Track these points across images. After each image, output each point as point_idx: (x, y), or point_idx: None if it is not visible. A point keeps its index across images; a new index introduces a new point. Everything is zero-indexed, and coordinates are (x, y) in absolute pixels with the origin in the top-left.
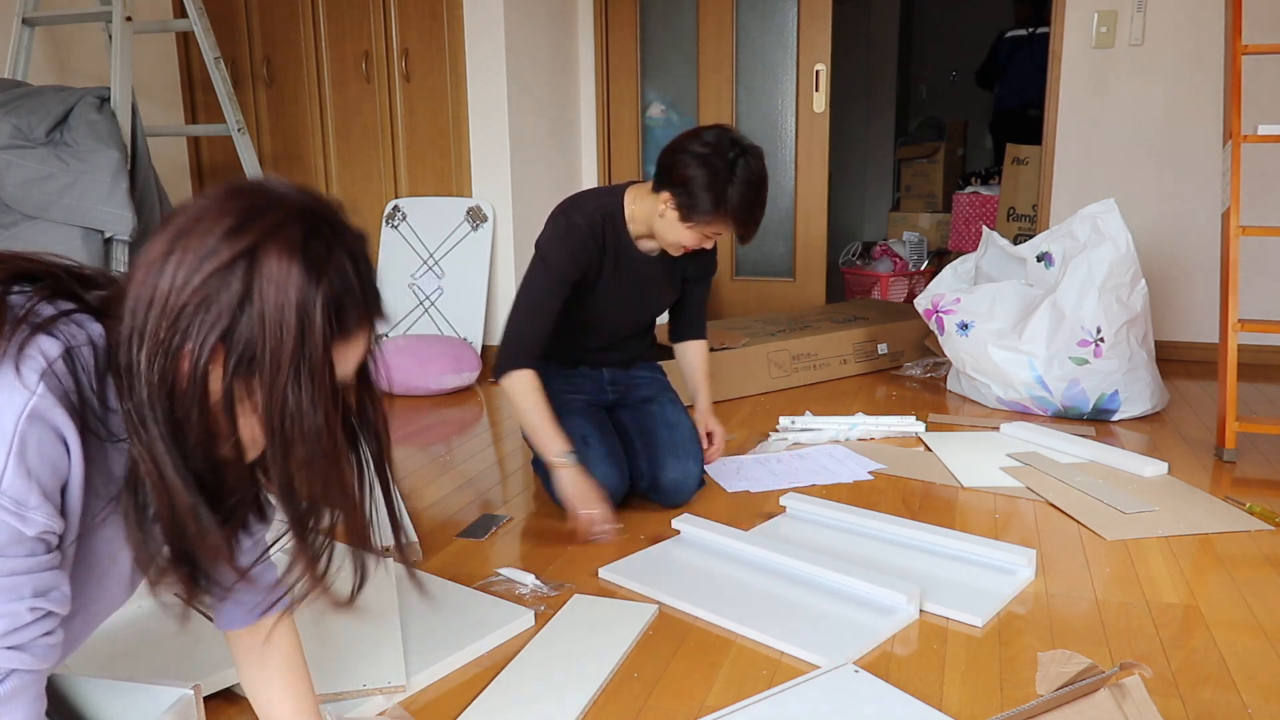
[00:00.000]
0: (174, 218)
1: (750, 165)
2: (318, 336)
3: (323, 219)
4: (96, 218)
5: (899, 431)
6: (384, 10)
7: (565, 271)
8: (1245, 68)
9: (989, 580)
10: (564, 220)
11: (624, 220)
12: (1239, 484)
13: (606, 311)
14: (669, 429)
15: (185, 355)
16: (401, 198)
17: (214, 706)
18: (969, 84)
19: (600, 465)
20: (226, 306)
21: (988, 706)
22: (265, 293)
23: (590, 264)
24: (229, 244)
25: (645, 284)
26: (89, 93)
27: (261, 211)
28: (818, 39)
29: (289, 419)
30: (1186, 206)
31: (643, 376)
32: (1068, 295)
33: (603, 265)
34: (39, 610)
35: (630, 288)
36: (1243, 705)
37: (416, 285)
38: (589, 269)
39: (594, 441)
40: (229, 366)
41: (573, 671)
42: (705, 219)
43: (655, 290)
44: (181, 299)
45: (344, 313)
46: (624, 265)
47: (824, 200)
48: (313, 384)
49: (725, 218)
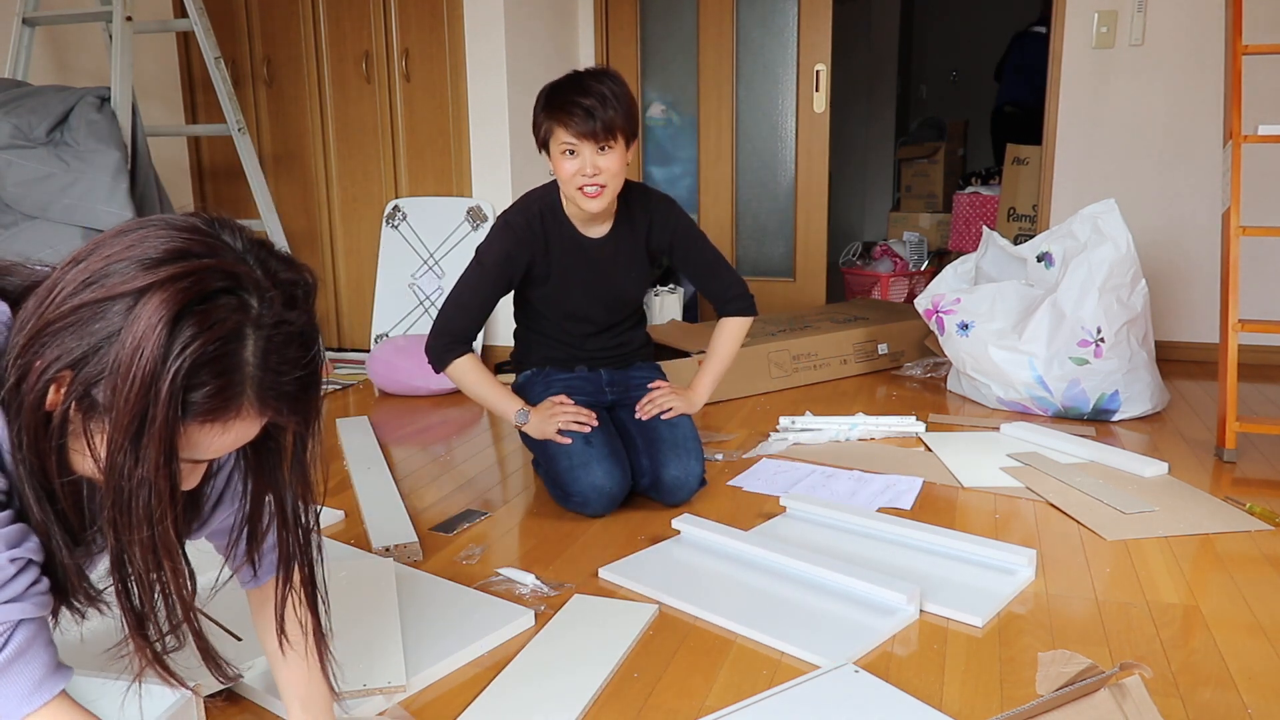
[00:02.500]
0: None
1: (582, 71)
2: (161, 407)
3: (254, 289)
4: (97, 217)
5: (899, 432)
6: (384, 10)
7: (498, 268)
8: (1245, 68)
9: (989, 580)
10: (501, 221)
11: (563, 210)
12: (1239, 484)
13: (576, 300)
14: (669, 427)
15: (35, 368)
16: (402, 197)
17: (214, 706)
18: (969, 84)
19: (604, 464)
20: (91, 338)
21: (988, 707)
22: (127, 340)
23: (535, 258)
24: (131, 276)
25: (602, 268)
26: (89, 92)
27: (189, 255)
28: (818, 39)
29: (123, 479)
30: (1187, 207)
31: (641, 376)
32: (1068, 295)
33: (550, 257)
34: (19, 560)
35: (589, 272)
36: (1243, 705)
37: (417, 285)
38: (534, 263)
39: (596, 441)
40: (70, 396)
41: (573, 671)
42: (545, 133)
43: (617, 270)
44: (59, 311)
45: (205, 391)
46: (573, 252)
47: (824, 200)
48: (151, 453)
49: (554, 114)
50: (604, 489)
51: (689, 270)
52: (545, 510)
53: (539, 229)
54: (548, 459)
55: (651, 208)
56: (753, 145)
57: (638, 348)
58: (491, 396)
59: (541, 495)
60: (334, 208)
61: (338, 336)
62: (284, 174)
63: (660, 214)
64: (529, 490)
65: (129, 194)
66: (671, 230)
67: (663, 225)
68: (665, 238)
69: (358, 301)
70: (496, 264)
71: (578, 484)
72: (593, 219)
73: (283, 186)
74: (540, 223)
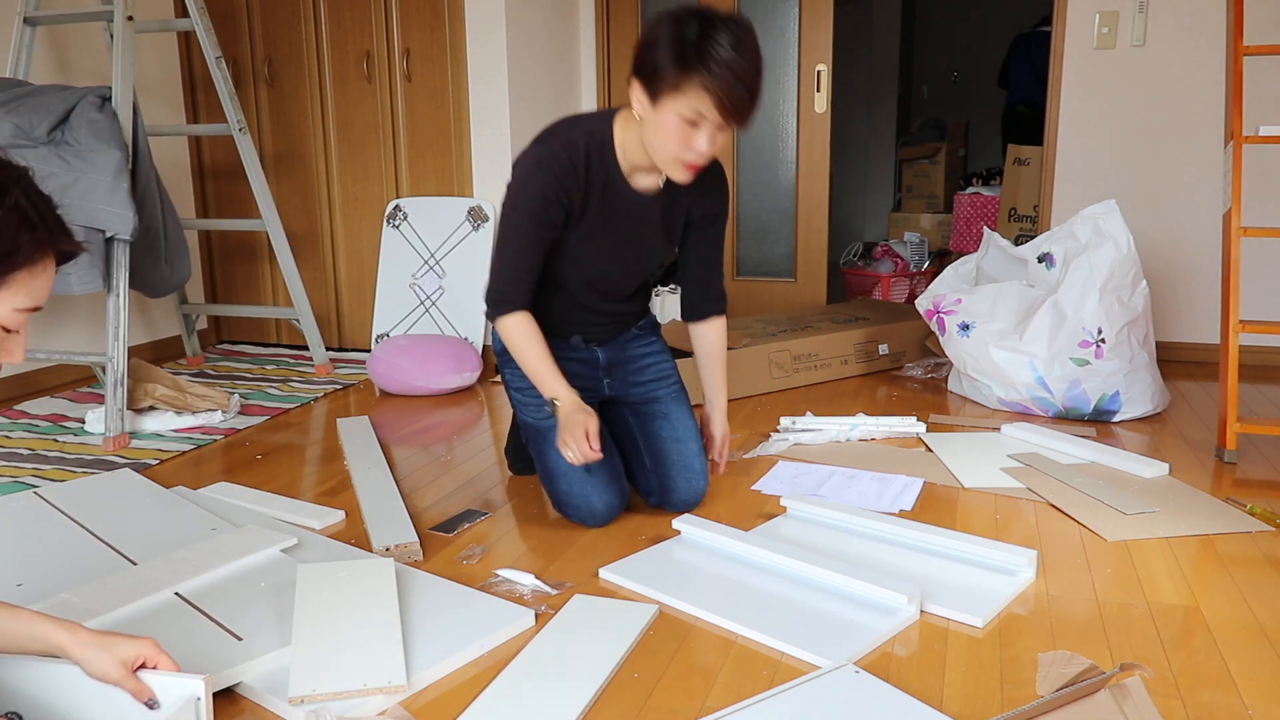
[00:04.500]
0: None
1: (729, 21)
2: None
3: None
4: (98, 217)
5: (900, 432)
6: (385, 10)
7: (538, 214)
8: (1246, 68)
9: (990, 581)
10: (542, 149)
11: (614, 151)
12: (1240, 485)
13: (594, 258)
14: (677, 445)
15: None
16: (403, 197)
17: (215, 706)
18: (970, 84)
19: (603, 495)
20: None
21: (988, 707)
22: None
23: (572, 201)
24: None
25: (636, 228)
26: (90, 92)
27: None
28: (819, 39)
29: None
30: (1188, 207)
31: (643, 358)
32: (1069, 296)
33: (587, 203)
34: None
35: (619, 233)
36: (1243, 706)
37: (418, 285)
38: (572, 209)
39: (595, 469)
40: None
41: (573, 671)
42: (674, 85)
43: (648, 236)
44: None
45: None
46: (611, 204)
47: (825, 200)
48: None
49: (702, 77)
50: (601, 514)
51: (695, 252)
52: (546, 510)
53: (582, 169)
54: (547, 476)
55: (708, 175)
56: (754, 145)
57: (638, 315)
58: (535, 366)
59: (542, 495)
60: (335, 207)
61: (338, 336)
62: (285, 174)
63: (714, 183)
64: (529, 490)
65: (130, 194)
66: (719, 207)
67: (712, 198)
68: (710, 212)
69: (358, 301)
70: (533, 214)
71: (576, 510)
72: (649, 170)
73: (283, 186)
74: (585, 161)
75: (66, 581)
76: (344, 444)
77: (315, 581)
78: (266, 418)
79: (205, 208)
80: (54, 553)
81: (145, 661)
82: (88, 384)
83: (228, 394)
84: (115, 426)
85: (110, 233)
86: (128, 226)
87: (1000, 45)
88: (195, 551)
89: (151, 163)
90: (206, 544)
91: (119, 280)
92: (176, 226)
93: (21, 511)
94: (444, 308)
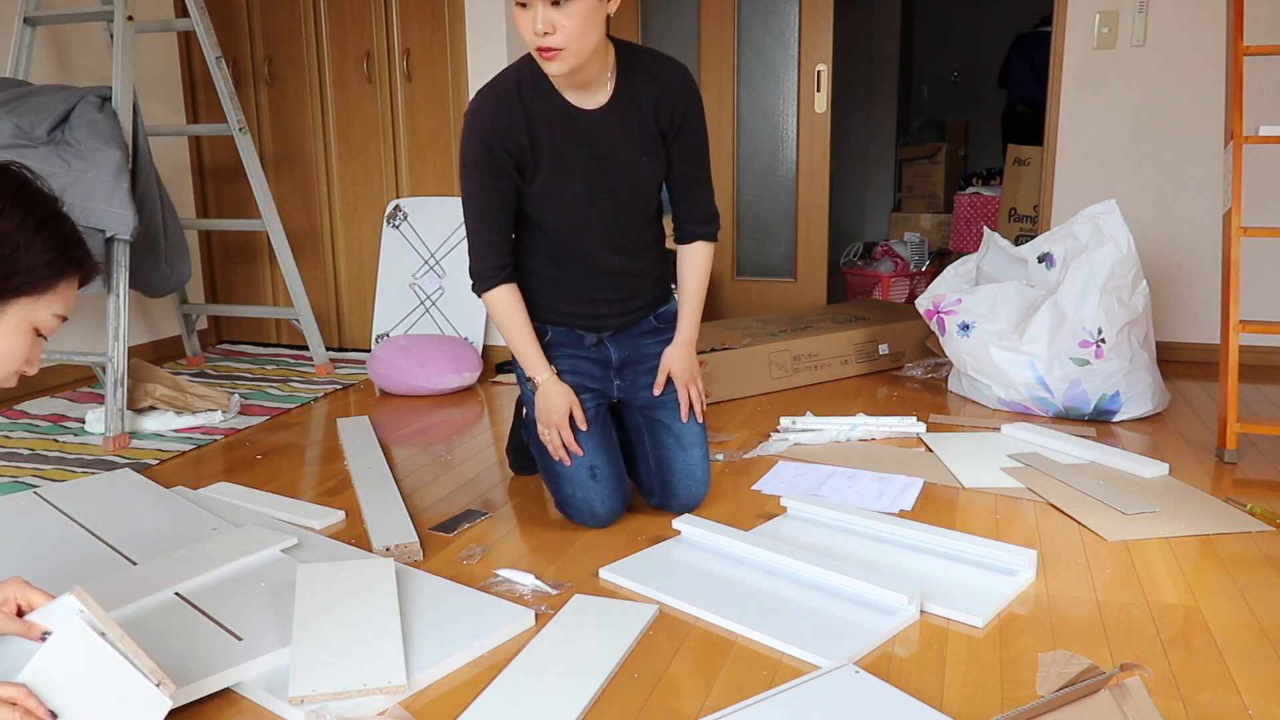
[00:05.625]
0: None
1: None
2: None
3: None
4: (98, 217)
5: (900, 432)
6: (385, 10)
7: (484, 163)
8: (1246, 68)
9: (990, 581)
10: (475, 101)
11: (546, 78)
12: (1240, 485)
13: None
14: (682, 452)
15: None
16: (403, 197)
17: (215, 706)
18: (970, 84)
19: (607, 501)
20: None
21: (988, 707)
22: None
23: (520, 141)
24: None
25: (602, 147)
26: (90, 92)
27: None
28: (819, 39)
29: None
30: (1188, 207)
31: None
32: (1069, 296)
33: (536, 136)
34: None
35: (587, 154)
36: (1243, 706)
37: (418, 285)
38: (521, 148)
39: (601, 474)
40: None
41: (573, 671)
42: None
43: (619, 154)
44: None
45: None
46: (565, 130)
47: (825, 200)
48: None
49: None
50: (603, 518)
51: (674, 167)
52: (546, 511)
53: (517, 104)
54: (552, 478)
55: (661, 75)
56: (754, 145)
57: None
58: (516, 342)
59: (542, 495)
60: (335, 207)
61: (339, 336)
62: (285, 174)
63: (672, 83)
64: (530, 490)
65: (130, 194)
66: (685, 106)
67: (674, 98)
68: (677, 114)
69: (358, 301)
70: (479, 164)
71: (578, 513)
72: (583, 87)
73: (284, 186)
74: (518, 95)
75: (66, 581)
76: (344, 444)
77: (315, 581)
78: (266, 418)
79: (205, 208)
80: (54, 553)
81: (18, 605)
82: (88, 384)
83: (228, 394)
84: (115, 426)
85: (110, 233)
86: (128, 226)
87: (1000, 45)
88: (195, 551)
89: (151, 163)
90: (206, 544)
91: (119, 280)
92: (176, 226)
93: (21, 511)
94: (444, 308)
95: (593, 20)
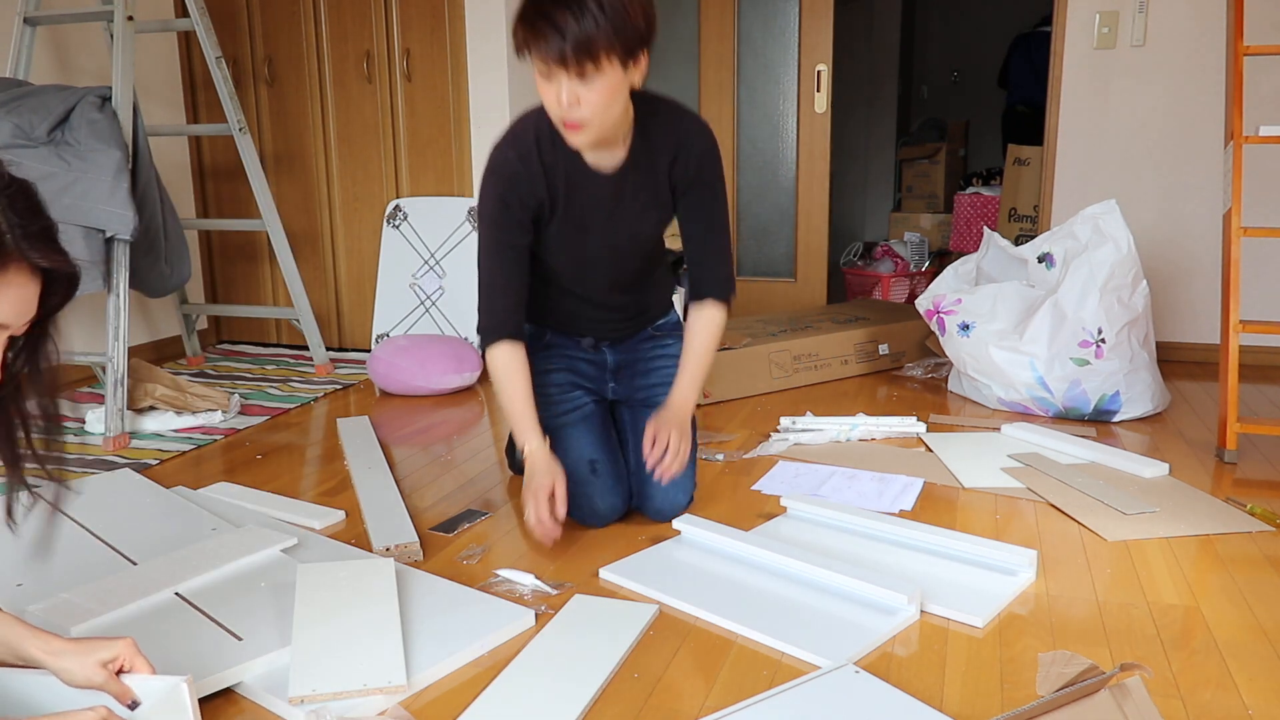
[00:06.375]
0: None
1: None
2: None
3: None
4: (98, 217)
5: (900, 432)
6: (385, 10)
7: (500, 221)
8: (1246, 68)
9: (990, 581)
10: (494, 154)
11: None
12: (1240, 485)
13: (583, 248)
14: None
15: None
16: (403, 197)
17: (214, 706)
18: (970, 84)
19: (607, 498)
20: None
21: (988, 707)
22: None
23: (536, 196)
24: None
25: (611, 207)
26: (90, 92)
27: None
28: (819, 39)
29: None
30: (1188, 207)
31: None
32: (1069, 296)
33: (554, 193)
34: None
35: (595, 215)
36: (1243, 707)
37: (418, 285)
38: (540, 203)
39: (601, 469)
40: None
41: (573, 671)
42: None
43: (627, 213)
44: None
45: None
46: (578, 188)
47: (825, 200)
48: None
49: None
50: (604, 516)
51: (689, 224)
52: None
53: (536, 161)
54: None
55: (680, 131)
56: (754, 145)
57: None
58: (513, 406)
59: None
60: (335, 207)
61: (338, 336)
62: (285, 173)
63: (689, 141)
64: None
65: (130, 194)
66: (699, 164)
67: (689, 155)
68: (690, 171)
69: (358, 301)
70: (495, 222)
71: (578, 510)
72: (599, 147)
73: (284, 186)
74: (538, 152)
75: (66, 581)
76: (344, 444)
77: (315, 581)
78: (266, 418)
79: (205, 208)
80: (54, 553)
81: (123, 664)
82: (88, 384)
83: (228, 394)
84: (115, 426)
85: (110, 233)
86: (128, 226)
87: (1000, 45)
88: (195, 551)
89: (151, 163)
90: (206, 544)
91: (119, 280)
92: (176, 226)
93: (21, 511)
94: (444, 308)
95: (618, 94)
